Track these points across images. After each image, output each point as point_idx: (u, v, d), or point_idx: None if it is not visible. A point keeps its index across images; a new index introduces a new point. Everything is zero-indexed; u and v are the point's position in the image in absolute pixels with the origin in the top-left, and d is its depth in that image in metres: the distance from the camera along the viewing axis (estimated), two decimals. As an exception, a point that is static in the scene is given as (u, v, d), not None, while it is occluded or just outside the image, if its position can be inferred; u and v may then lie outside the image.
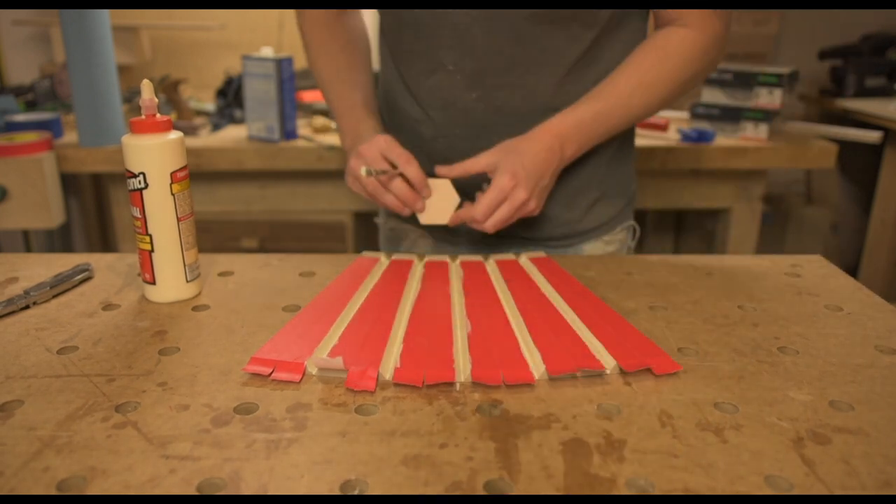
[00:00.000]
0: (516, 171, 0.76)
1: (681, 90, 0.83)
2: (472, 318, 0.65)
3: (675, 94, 0.83)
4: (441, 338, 0.62)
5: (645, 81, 0.81)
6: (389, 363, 0.57)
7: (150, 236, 0.68)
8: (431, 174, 0.83)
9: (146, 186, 0.67)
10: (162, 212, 0.68)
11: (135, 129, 0.67)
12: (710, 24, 0.81)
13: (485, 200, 0.76)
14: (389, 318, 0.65)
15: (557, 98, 0.84)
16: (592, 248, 0.95)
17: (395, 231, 1.02)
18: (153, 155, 0.66)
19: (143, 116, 0.67)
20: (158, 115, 0.68)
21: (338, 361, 0.56)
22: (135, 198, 0.68)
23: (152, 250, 0.69)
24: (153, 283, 0.70)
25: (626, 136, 0.93)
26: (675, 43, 0.81)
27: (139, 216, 0.68)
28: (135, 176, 0.67)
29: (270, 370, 0.56)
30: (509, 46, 0.80)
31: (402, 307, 0.68)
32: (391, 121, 0.95)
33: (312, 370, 0.57)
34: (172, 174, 0.67)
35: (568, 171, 0.86)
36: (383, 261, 0.81)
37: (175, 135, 0.68)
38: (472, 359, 0.58)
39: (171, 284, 0.70)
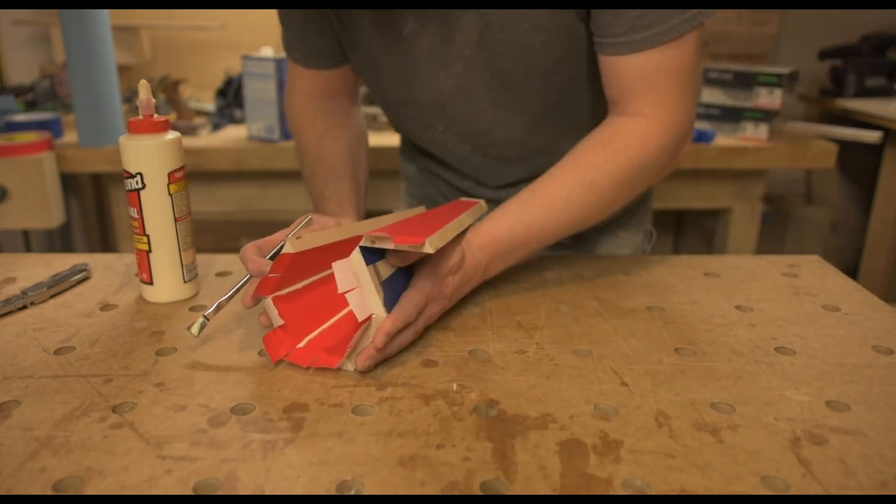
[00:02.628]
0: (446, 284, 0.64)
1: (630, 190, 0.73)
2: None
3: (625, 194, 0.73)
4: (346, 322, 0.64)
5: (586, 181, 0.69)
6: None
7: (148, 236, 0.68)
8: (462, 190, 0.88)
9: (143, 187, 0.67)
10: (159, 212, 0.68)
11: (132, 129, 0.67)
12: (668, 116, 0.70)
13: (406, 305, 0.60)
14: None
15: (553, 144, 0.82)
16: (606, 242, 0.94)
17: None
18: (150, 155, 0.66)
19: (141, 117, 0.67)
20: (156, 116, 0.68)
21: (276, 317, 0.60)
22: (132, 198, 0.68)
23: (150, 250, 0.69)
24: (150, 283, 0.70)
25: None
26: (624, 136, 0.70)
27: (136, 216, 0.68)
28: (132, 176, 0.67)
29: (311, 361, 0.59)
30: (482, 111, 0.80)
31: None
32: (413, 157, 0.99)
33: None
34: (170, 174, 0.67)
35: None
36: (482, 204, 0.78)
37: (172, 135, 0.68)
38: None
39: (168, 285, 0.70)
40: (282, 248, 0.63)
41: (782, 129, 1.76)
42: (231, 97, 1.79)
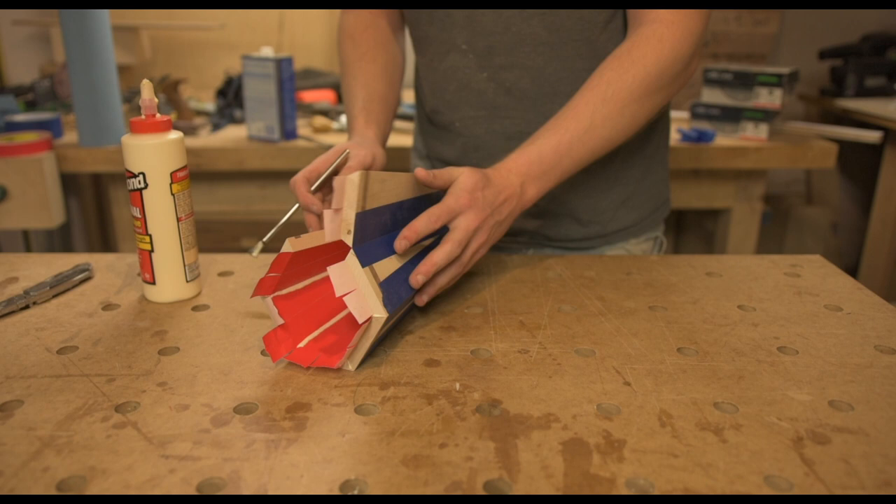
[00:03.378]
0: (475, 195, 0.66)
1: (651, 103, 0.75)
2: None
3: (646, 108, 0.75)
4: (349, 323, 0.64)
5: (607, 96, 0.72)
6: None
7: (150, 236, 0.68)
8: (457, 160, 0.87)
9: (146, 186, 0.67)
10: (162, 212, 0.68)
11: (134, 128, 0.67)
12: (683, 20, 0.74)
13: (430, 213, 0.64)
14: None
15: (565, 82, 0.83)
16: (617, 250, 0.94)
17: None
18: (153, 155, 0.66)
19: (143, 116, 0.67)
20: (158, 115, 0.68)
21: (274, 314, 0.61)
22: (135, 198, 0.68)
23: (152, 250, 0.69)
24: (153, 282, 0.70)
25: (661, 136, 0.93)
26: (640, 46, 0.74)
27: (139, 216, 0.68)
28: (135, 176, 0.67)
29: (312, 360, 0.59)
30: (516, 24, 0.81)
31: None
32: (423, 121, 0.98)
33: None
34: (172, 174, 0.67)
35: (594, 168, 0.85)
36: None
37: (175, 135, 0.68)
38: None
39: (170, 284, 0.70)
40: (327, 178, 0.72)
41: (782, 129, 1.76)
42: (231, 97, 1.78)
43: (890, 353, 0.61)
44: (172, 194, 0.68)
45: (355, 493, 0.43)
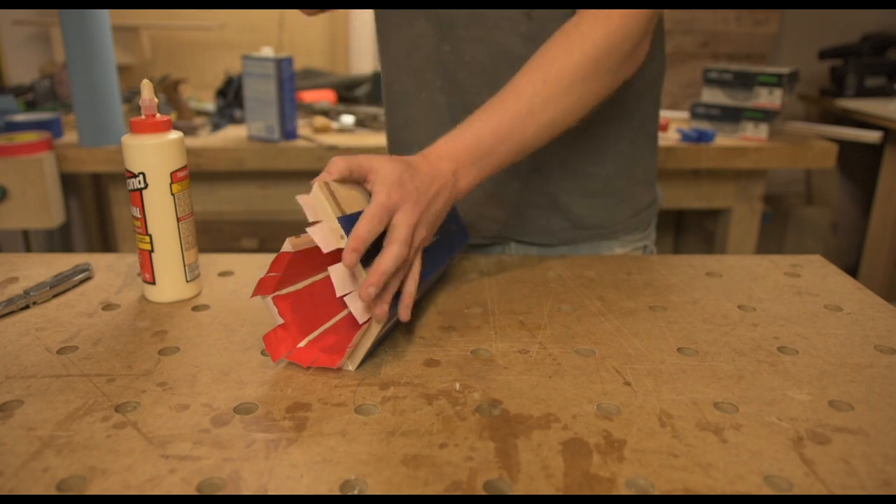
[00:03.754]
0: (406, 187, 0.60)
1: (599, 84, 0.70)
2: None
3: (594, 88, 0.70)
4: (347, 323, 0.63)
5: (550, 75, 0.67)
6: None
7: (150, 236, 0.68)
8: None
9: (146, 186, 0.67)
10: (162, 212, 0.68)
11: (135, 128, 0.67)
12: (632, 14, 0.70)
13: (366, 214, 0.57)
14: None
15: (524, 48, 0.79)
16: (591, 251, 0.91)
17: None
18: (153, 155, 0.66)
19: (143, 116, 0.67)
20: (158, 115, 0.68)
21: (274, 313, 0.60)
22: (135, 198, 0.68)
23: (152, 250, 0.69)
24: (153, 283, 0.70)
25: (641, 130, 0.88)
26: (587, 20, 0.69)
27: (139, 216, 0.68)
28: (134, 176, 0.67)
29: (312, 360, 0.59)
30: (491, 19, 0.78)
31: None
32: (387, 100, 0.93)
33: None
34: (172, 174, 0.67)
35: (572, 164, 0.83)
36: None
37: (175, 135, 0.68)
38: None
39: (171, 284, 0.70)
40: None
41: (782, 129, 1.76)
42: (231, 97, 1.78)
43: (890, 353, 0.61)
44: (172, 194, 0.68)
45: (355, 493, 0.43)
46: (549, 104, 0.68)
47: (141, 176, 0.67)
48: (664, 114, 1.83)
